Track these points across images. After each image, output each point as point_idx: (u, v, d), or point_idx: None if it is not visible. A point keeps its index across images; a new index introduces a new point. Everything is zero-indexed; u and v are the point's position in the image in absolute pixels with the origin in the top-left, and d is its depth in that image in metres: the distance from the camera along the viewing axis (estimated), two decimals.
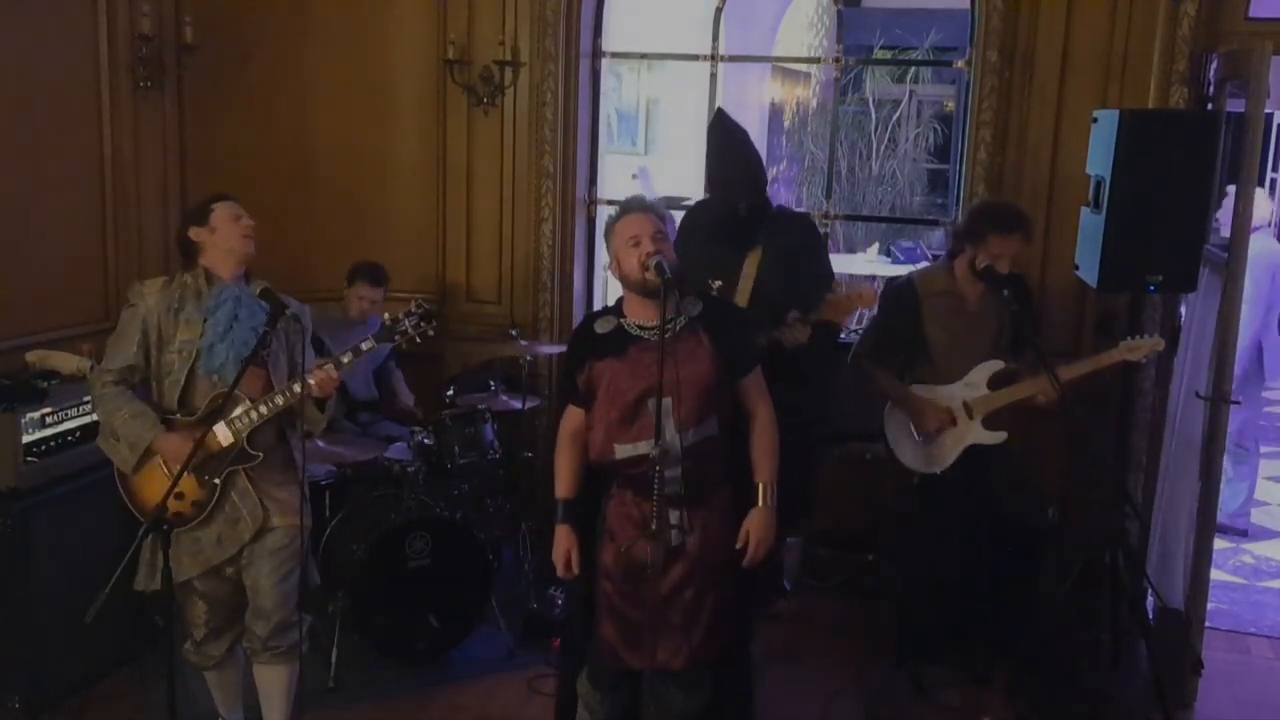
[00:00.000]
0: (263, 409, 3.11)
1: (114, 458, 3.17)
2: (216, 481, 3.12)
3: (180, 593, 3.21)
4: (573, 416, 3.00)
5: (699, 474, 2.85)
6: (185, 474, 2.88)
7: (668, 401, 2.74)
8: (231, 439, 3.12)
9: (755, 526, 2.90)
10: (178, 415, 3.13)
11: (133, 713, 3.67)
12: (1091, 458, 3.98)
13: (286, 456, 3.28)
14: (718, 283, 3.57)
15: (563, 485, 2.99)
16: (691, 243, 3.66)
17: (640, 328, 2.89)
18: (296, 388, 3.08)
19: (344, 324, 4.63)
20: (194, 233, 3.19)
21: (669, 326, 2.76)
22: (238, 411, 3.11)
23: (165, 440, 3.08)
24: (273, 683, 3.32)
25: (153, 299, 3.15)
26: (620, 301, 2.99)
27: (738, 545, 2.89)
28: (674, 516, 2.86)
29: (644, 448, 2.79)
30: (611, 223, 2.94)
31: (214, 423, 3.09)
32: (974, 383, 3.72)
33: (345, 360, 3.14)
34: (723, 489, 2.95)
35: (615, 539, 2.93)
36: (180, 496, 3.08)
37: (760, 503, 2.92)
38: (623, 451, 2.86)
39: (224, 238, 3.18)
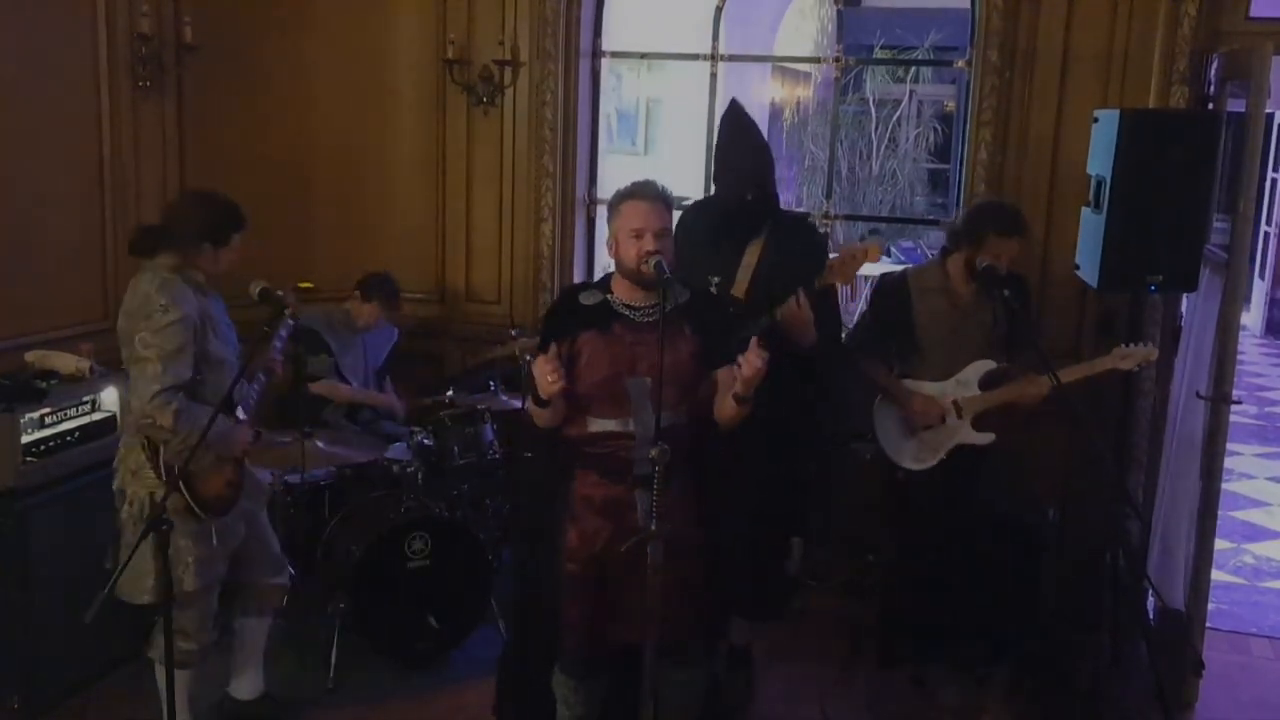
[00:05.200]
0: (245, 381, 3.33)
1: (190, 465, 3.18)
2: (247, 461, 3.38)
3: (201, 594, 3.29)
4: None
5: (669, 458, 2.80)
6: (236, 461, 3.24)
7: (647, 381, 2.77)
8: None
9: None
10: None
11: (132, 713, 3.67)
12: (1091, 458, 3.97)
13: None
14: (716, 279, 3.56)
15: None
16: (690, 240, 3.64)
17: (627, 307, 2.92)
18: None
19: (348, 328, 4.63)
20: (205, 249, 3.19)
21: (654, 311, 2.86)
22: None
23: (240, 435, 3.24)
24: (262, 634, 3.59)
25: (188, 306, 3.13)
26: (608, 279, 3.01)
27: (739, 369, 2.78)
28: (641, 499, 2.83)
29: (617, 425, 2.85)
30: (618, 200, 2.92)
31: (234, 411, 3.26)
32: (965, 381, 3.72)
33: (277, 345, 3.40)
34: (688, 477, 2.95)
35: (578, 521, 2.94)
36: (233, 484, 3.28)
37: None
38: (596, 425, 2.89)
39: (222, 268, 3.25)
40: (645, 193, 2.90)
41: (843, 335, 4.04)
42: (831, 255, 3.61)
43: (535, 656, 3.18)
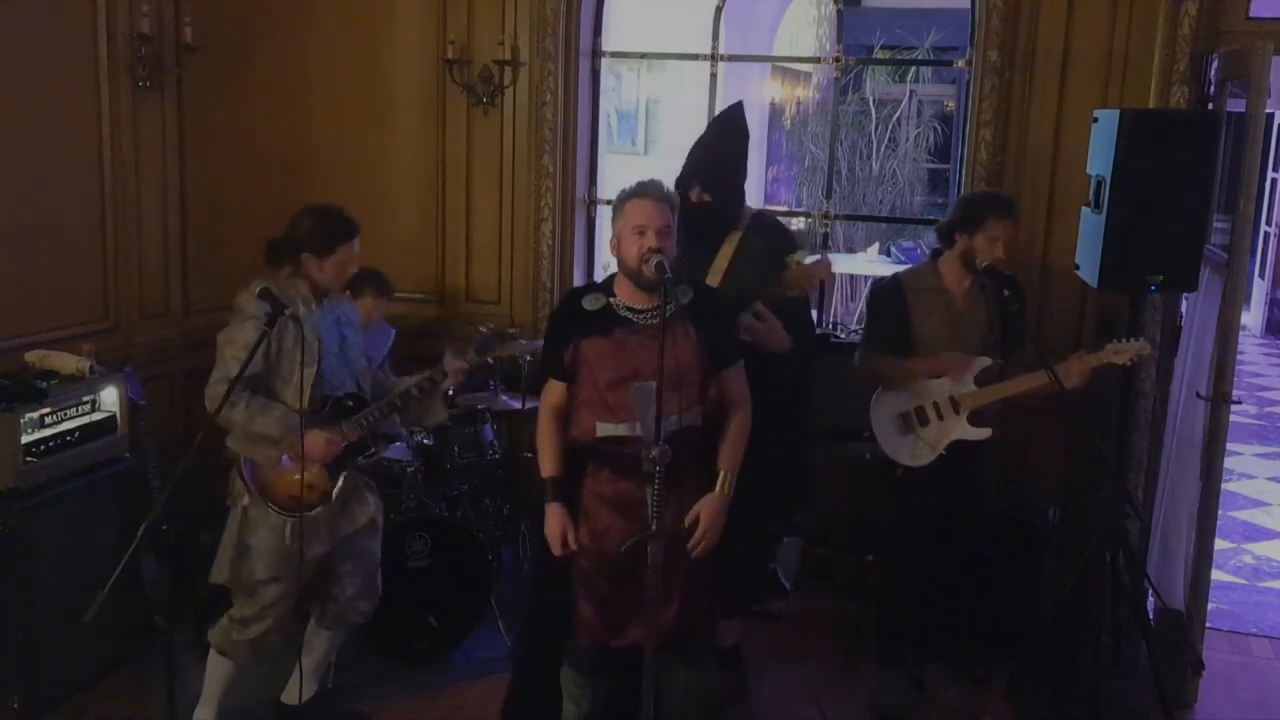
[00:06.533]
0: (384, 408, 3.40)
1: (255, 456, 3.28)
2: (345, 472, 3.37)
3: (266, 586, 3.32)
4: (554, 392, 3.00)
5: (676, 458, 2.78)
6: (317, 467, 3.26)
7: (653, 386, 2.75)
8: (358, 436, 3.37)
9: (707, 511, 2.89)
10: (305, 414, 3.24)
11: (133, 713, 3.67)
12: (1091, 458, 3.97)
13: None
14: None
15: (549, 464, 2.99)
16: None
17: (630, 310, 2.93)
18: (417, 383, 3.47)
19: None
20: (306, 259, 3.25)
21: (657, 314, 2.83)
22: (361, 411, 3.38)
23: (312, 439, 3.22)
24: (332, 647, 3.61)
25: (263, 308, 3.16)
26: (611, 280, 3.02)
27: (686, 523, 2.87)
28: (649, 495, 2.83)
29: (625, 429, 2.85)
30: (623, 199, 2.94)
31: (341, 421, 3.32)
32: (961, 378, 3.71)
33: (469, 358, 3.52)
34: (698, 474, 2.96)
35: (590, 518, 2.94)
36: (311, 488, 3.29)
37: (717, 489, 2.92)
38: (604, 430, 2.89)
39: (329, 278, 3.30)
40: (649, 192, 2.93)
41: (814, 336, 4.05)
42: (811, 259, 3.61)
43: (544, 653, 3.18)
